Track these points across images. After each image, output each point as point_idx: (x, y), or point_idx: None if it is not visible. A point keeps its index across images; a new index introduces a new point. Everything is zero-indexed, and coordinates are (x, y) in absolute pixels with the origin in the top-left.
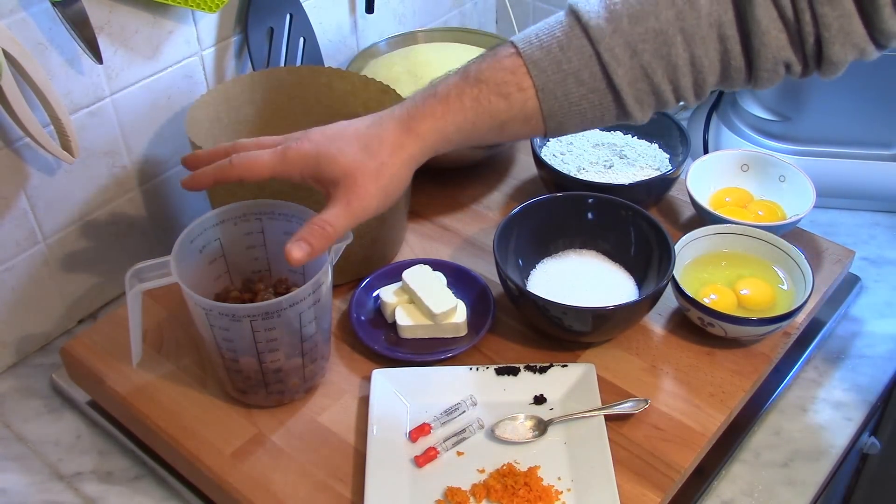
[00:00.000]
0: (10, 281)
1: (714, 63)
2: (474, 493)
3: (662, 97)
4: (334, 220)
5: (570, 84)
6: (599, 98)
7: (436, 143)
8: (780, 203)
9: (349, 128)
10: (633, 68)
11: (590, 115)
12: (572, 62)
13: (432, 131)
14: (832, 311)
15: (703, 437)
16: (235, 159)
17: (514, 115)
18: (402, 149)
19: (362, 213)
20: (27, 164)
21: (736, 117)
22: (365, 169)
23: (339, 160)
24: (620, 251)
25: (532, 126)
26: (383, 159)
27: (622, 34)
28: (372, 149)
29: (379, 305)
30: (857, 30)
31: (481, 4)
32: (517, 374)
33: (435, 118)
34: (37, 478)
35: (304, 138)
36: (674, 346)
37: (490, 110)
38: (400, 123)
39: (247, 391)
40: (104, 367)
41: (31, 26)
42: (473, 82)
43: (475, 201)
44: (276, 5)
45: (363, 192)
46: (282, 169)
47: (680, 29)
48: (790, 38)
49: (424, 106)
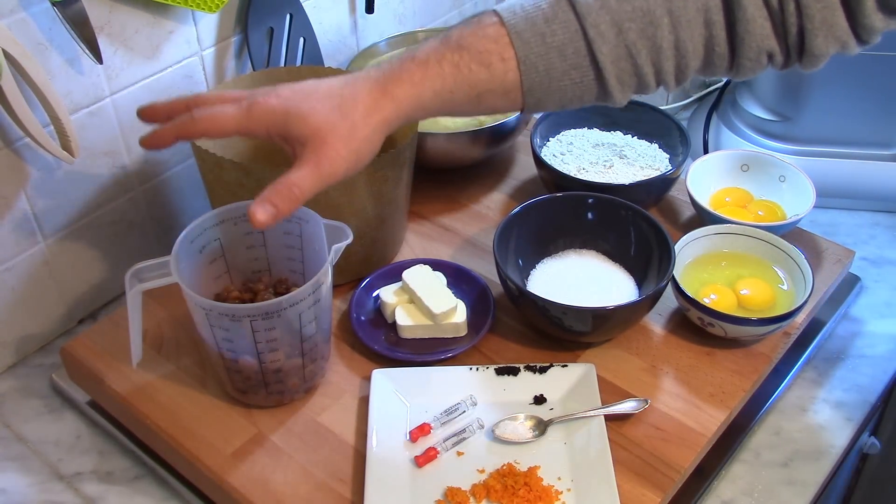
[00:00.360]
0: (10, 281)
1: (698, 48)
2: (474, 493)
3: (644, 79)
4: (301, 181)
5: (552, 58)
6: (581, 75)
7: (411, 109)
8: (780, 203)
9: (321, 85)
10: (617, 46)
11: (570, 93)
12: (557, 36)
13: (408, 96)
14: (832, 311)
15: (703, 437)
16: (198, 114)
17: (494, 87)
18: (376, 111)
19: (331, 176)
20: (27, 164)
21: (736, 117)
22: (336, 129)
23: (309, 118)
24: (620, 251)
25: (510, 99)
26: (356, 120)
27: (609, 11)
28: (345, 109)
29: (379, 305)
30: (840, 23)
31: (481, 4)
32: (517, 374)
33: (412, 83)
34: (37, 478)
35: (273, 93)
36: (674, 346)
37: (470, 79)
38: (376, 85)
39: (247, 391)
40: (104, 367)
41: (31, 26)
42: (455, 48)
43: (475, 201)
44: (276, 5)
45: (333, 154)
46: (247, 125)
47: (668, 10)
48: (774, 27)
49: (402, 69)
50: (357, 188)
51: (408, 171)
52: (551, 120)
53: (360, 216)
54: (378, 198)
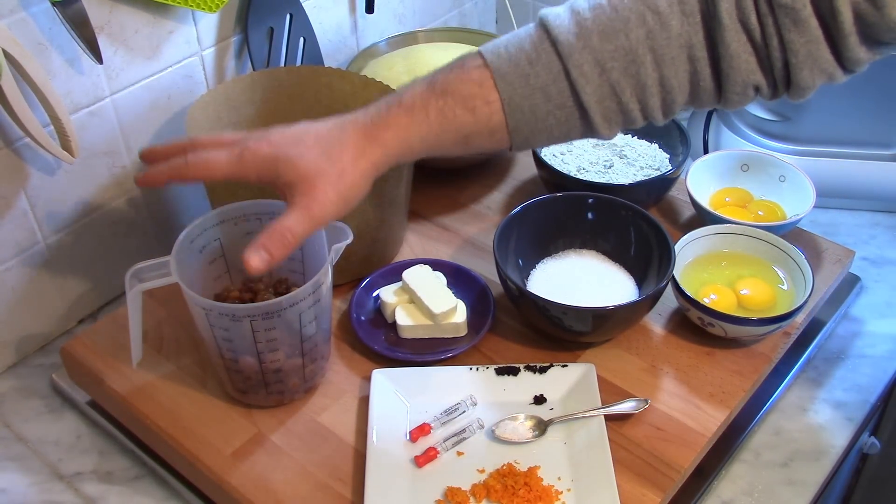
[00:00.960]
0: (10, 281)
1: (683, 84)
2: (474, 493)
3: (630, 115)
4: (294, 225)
5: (537, 99)
6: (566, 114)
7: (399, 153)
8: (780, 203)
9: (310, 130)
10: (601, 86)
11: (556, 132)
12: (540, 77)
13: (396, 141)
14: (832, 311)
15: (703, 437)
16: (191, 159)
17: (480, 129)
18: (363, 156)
19: (322, 220)
20: (27, 164)
21: (736, 117)
22: (325, 174)
23: (298, 164)
24: (620, 251)
25: (497, 140)
26: (344, 166)
27: (591, 51)
28: (333, 154)
29: (379, 305)
30: (825, 56)
31: (481, 4)
32: (517, 374)
33: (399, 128)
34: (37, 478)
35: (264, 139)
36: (674, 346)
37: (455, 123)
38: (363, 130)
39: (247, 391)
40: (104, 367)
41: (31, 26)
42: (440, 94)
43: (475, 201)
44: (276, 5)
45: (323, 198)
46: (239, 171)
47: (650, 48)
48: (759, 62)
49: (389, 115)
50: None
51: (408, 171)
52: None
53: (360, 216)
54: (378, 198)
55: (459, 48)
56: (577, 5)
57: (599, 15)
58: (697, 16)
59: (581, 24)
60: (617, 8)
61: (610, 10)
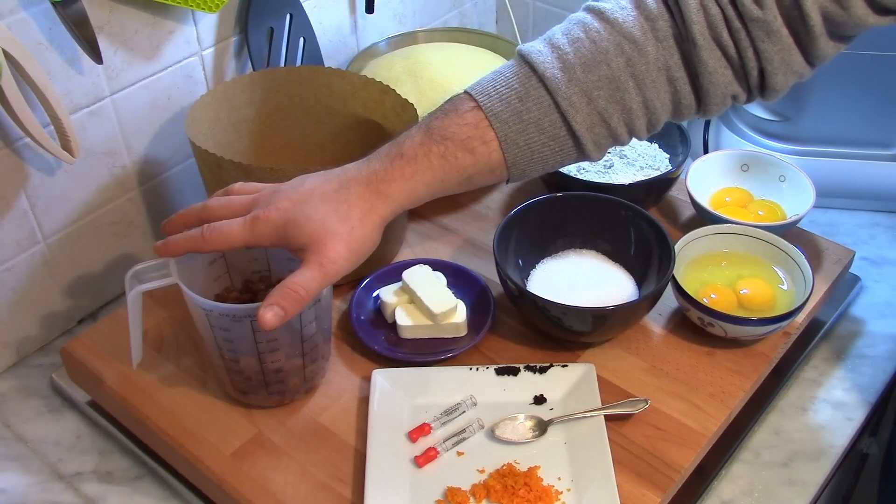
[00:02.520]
0: (10, 281)
1: (666, 104)
2: (474, 494)
3: (619, 138)
4: (307, 283)
5: (531, 133)
6: (560, 144)
7: (405, 203)
8: (780, 203)
9: (315, 191)
10: (590, 114)
11: (551, 161)
12: (532, 112)
13: (402, 192)
14: (832, 311)
15: (703, 437)
16: (206, 232)
17: (480, 168)
18: (372, 211)
19: (334, 276)
20: (27, 164)
21: (736, 117)
22: (334, 234)
23: (306, 227)
24: (620, 251)
25: (497, 175)
26: (353, 224)
27: (577, 83)
28: (341, 214)
29: (379, 305)
30: (797, 59)
31: (481, 4)
32: (517, 374)
33: (404, 179)
34: (37, 478)
35: (272, 205)
36: (674, 346)
37: (457, 166)
38: (368, 187)
39: (247, 391)
40: (104, 368)
41: (31, 26)
42: (439, 139)
43: (475, 201)
44: (276, 5)
45: (334, 255)
46: (252, 240)
47: (631, 75)
48: (735, 73)
49: (392, 168)
50: None
51: None
52: None
53: None
54: None
55: (459, 48)
56: (556, 41)
57: (579, 48)
58: (671, 39)
59: (563, 59)
60: (595, 40)
61: (589, 42)
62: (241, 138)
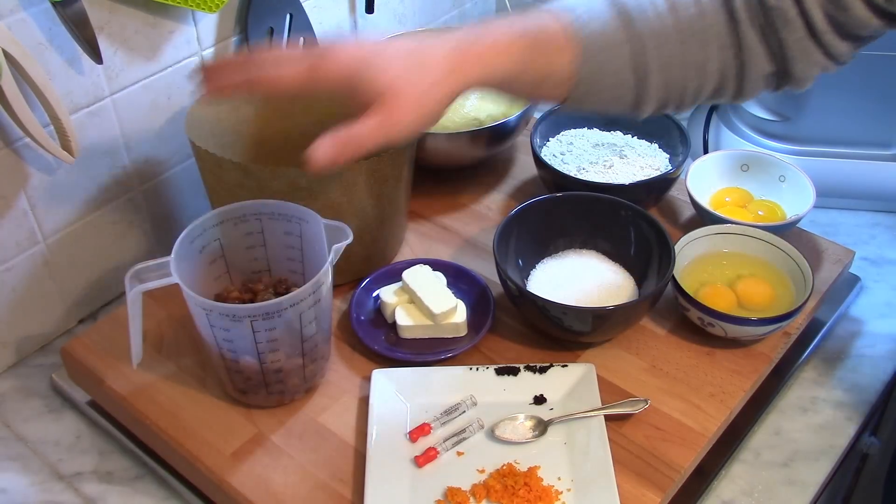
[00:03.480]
0: (10, 281)
1: (713, 73)
2: (474, 493)
3: (666, 108)
4: (367, 132)
5: (607, 56)
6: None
7: (477, 84)
8: (780, 203)
9: (390, 44)
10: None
11: (607, 95)
12: (613, 37)
13: (481, 68)
14: (832, 311)
15: (703, 437)
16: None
17: (552, 75)
18: (454, 73)
19: (396, 134)
20: (27, 164)
21: (736, 117)
22: (414, 86)
23: (383, 74)
24: (620, 251)
25: (562, 90)
26: (436, 79)
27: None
28: (423, 70)
29: (379, 305)
30: (815, 50)
31: (481, 4)
32: (517, 374)
33: (483, 63)
34: (37, 478)
35: (339, 49)
36: (674, 346)
37: (534, 66)
38: (451, 54)
39: (247, 391)
40: (104, 367)
41: (31, 26)
42: (520, 34)
43: (475, 201)
44: (276, 5)
45: (405, 110)
46: (310, 83)
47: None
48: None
49: (477, 43)
50: (357, 188)
51: (408, 171)
52: (551, 120)
53: (360, 216)
54: (378, 198)
55: None
56: None
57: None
58: (722, 13)
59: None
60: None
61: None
62: (241, 138)
